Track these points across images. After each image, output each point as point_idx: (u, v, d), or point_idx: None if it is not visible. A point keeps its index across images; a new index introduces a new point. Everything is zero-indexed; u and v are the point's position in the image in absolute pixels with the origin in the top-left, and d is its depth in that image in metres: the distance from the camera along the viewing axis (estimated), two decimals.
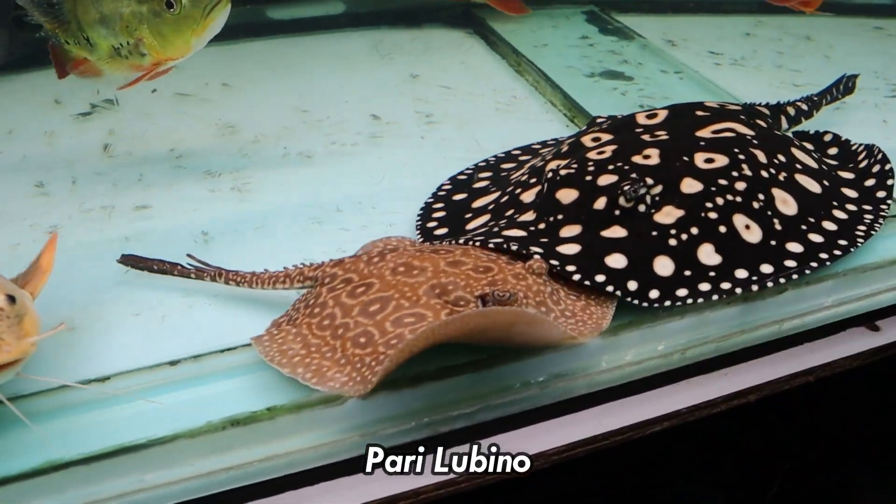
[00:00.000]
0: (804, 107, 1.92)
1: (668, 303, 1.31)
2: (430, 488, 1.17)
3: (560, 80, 2.31)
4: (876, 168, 1.66)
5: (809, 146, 1.75)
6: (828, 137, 1.81)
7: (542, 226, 1.44)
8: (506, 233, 1.45)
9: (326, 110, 2.23)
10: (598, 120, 1.84)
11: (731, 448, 1.45)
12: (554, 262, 1.33)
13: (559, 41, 2.67)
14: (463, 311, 1.18)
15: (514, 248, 1.36)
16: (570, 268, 1.33)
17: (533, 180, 1.58)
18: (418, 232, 1.60)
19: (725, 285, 1.35)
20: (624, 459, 1.35)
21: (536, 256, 1.32)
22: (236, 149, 2.07)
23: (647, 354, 1.33)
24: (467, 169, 1.83)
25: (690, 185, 1.44)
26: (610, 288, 1.31)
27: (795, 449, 1.55)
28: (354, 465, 1.17)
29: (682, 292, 1.33)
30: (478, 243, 1.40)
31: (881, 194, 1.59)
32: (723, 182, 1.45)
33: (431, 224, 1.62)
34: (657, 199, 1.42)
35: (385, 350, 1.15)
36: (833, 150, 1.77)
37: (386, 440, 1.18)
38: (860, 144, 1.75)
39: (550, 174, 1.47)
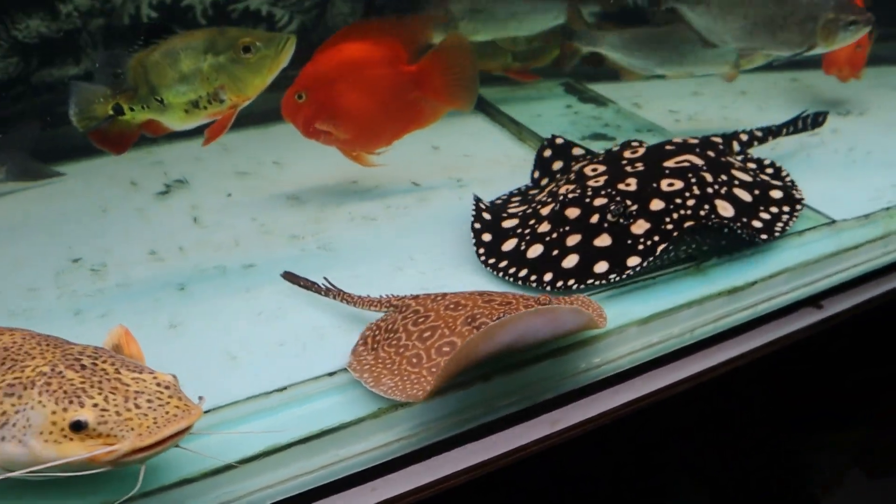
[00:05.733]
0: (758, 133, 2.55)
1: (640, 267, 1.89)
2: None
3: None
4: (788, 180, 2.33)
5: (752, 165, 2.40)
6: (767, 162, 2.45)
7: (554, 235, 2.03)
8: (529, 251, 2.03)
9: (373, 180, 2.63)
10: (558, 141, 2.51)
11: (732, 407, 2.00)
12: (548, 277, 1.95)
13: (549, 111, 3.19)
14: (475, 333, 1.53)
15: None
16: (571, 282, 1.92)
17: (549, 199, 2.18)
18: (473, 236, 2.16)
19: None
20: (659, 416, 1.86)
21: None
22: (309, 216, 2.45)
23: (667, 336, 1.88)
24: (502, 195, 2.44)
25: (657, 204, 2.04)
26: (600, 280, 1.92)
27: (772, 409, 2.13)
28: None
29: (634, 261, 1.93)
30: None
31: (789, 206, 2.20)
32: (678, 201, 2.05)
33: (478, 226, 2.20)
34: (633, 212, 2.01)
35: (427, 375, 1.54)
36: (770, 171, 2.41)
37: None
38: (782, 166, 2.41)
39: (562, 197, 2.09)
